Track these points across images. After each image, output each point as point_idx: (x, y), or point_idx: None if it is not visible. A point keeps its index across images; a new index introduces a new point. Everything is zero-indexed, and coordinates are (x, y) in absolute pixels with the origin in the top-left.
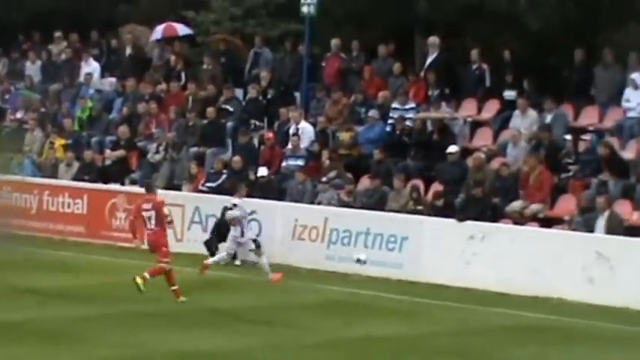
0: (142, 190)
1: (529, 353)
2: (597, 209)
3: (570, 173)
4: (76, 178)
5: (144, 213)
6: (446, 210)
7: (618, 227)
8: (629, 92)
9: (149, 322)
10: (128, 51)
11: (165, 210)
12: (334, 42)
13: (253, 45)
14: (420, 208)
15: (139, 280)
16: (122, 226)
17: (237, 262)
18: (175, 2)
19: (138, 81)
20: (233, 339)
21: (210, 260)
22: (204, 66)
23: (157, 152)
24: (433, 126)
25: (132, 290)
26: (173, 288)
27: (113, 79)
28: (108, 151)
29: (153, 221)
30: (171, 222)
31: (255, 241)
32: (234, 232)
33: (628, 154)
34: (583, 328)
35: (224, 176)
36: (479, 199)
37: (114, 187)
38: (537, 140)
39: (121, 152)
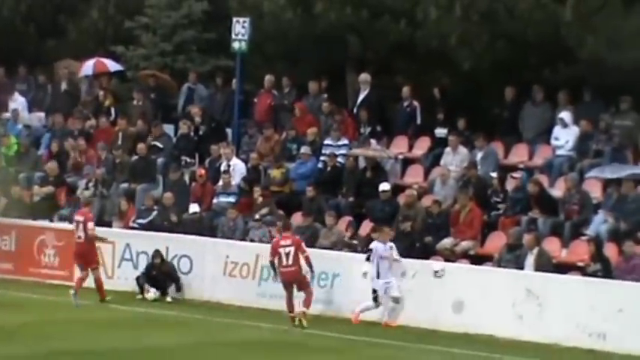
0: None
1: None
2: (526, 247)
3: (501, 211)
4: (3, 215)
5: (281, 250)
6: None
7: (547, 264)
8: (558, 130)
9: None
10: (63, 86)
11: (304, 246)
12: (267, 78)
13: (183, 80)
14: (355, 242)
15: (304, 323)
16: (51, 263)
17: (168, 299)
18: (104, 37)
19: (66, 116)
20: None
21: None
22: (135, 102)
23: (87, 188)
24: (366, 163)
25: (60, 328)
26: (292, 315)
27: (42, 114)
28: (36, 187)
29: (291, 258)
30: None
31: (374, 291)
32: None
33: (557, 191)
34: None
35: (155, 213)
36: (407, 233)
37: (42, 223)
38: (467, 178)
39: (49, 188)
